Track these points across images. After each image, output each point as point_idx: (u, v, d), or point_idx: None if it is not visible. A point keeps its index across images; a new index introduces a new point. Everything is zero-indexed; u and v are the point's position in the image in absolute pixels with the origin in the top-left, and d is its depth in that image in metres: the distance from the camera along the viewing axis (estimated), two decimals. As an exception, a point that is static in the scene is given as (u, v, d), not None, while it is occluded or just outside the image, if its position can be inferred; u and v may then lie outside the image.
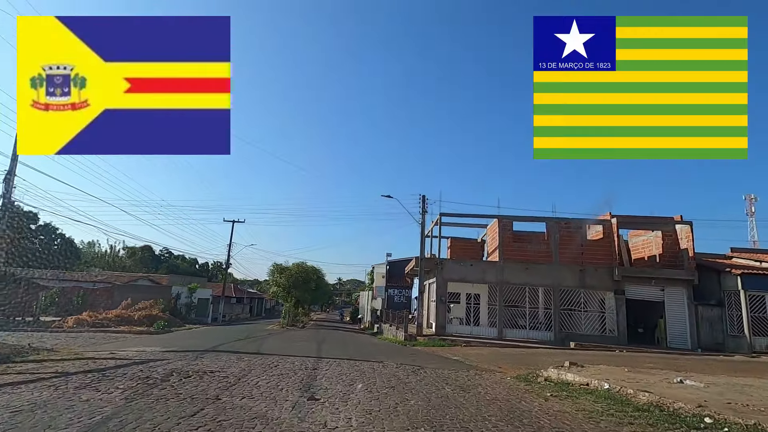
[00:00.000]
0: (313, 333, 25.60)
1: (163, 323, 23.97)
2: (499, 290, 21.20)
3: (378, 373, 9.15)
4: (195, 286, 37.69)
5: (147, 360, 10.02)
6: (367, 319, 41.98)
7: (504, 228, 22.08)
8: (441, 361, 12.97)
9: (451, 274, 21.86)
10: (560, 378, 9.17)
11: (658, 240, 22.69)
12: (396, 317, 24.34)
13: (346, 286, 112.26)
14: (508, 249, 22.08)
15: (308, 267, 35.08)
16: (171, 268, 62.26)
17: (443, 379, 8.88)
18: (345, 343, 18.36)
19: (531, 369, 11.13)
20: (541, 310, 21.18)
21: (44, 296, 28.42)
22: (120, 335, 18.92)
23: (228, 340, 17.25)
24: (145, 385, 6.77)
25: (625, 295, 20.63)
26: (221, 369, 8.77)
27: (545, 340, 20.44)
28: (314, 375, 8.52)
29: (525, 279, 21.27)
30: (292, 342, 17.43)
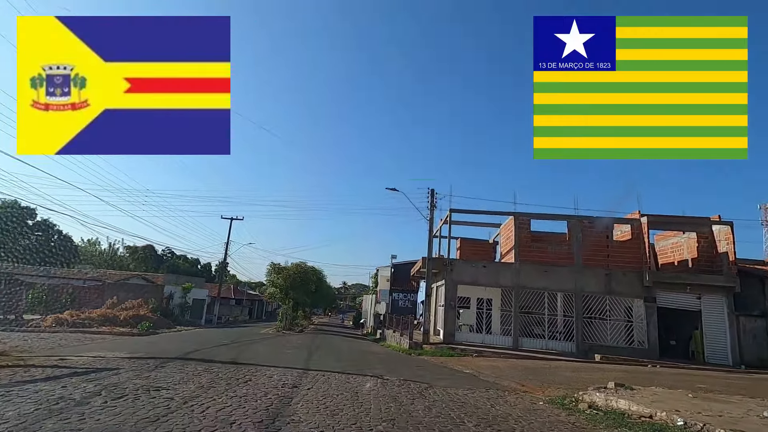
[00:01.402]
0: (310, 338, 23.60)
1: (148, 324, 22.04)
2: (515, 295, 18.96)
3: (375, 395, 7.14)
4: (189, 285, 35.34)
5: (94, 369, 8.15)
6: (369, 324, 39.95)
7: (521, 226, 19.93)
8: (452, 375, 10.93)
9: (461, 276, 19.70)
10: (609, 405, 7.11)
11: (691, 243, 20.46)
12: (400, 323, 22.25)
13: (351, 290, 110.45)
14: (525, 250, 19.81)
15: (308, 267, 33.06)
16: (172, 268, 60.62)
17: (459, 405, 6.85)
18: (341, 351, 16.39)
19: (563, 388, 9.10)
20: (559, 318, 19.03)
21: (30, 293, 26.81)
22: (98, 336, 17.11)
23: (210, 344, 15.30)
24: (46, 411, 4.84)
25: (656, 302, 18.43)
26: (172, 385, 6.82)
27: (566, 351, 18.21)
28: (290, 397, 6.52)
29: (543, 283, 19.06)
30: (282, 348, 15.49)
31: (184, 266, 65.44)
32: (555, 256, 20.01)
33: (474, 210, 21.41)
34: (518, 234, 19.73)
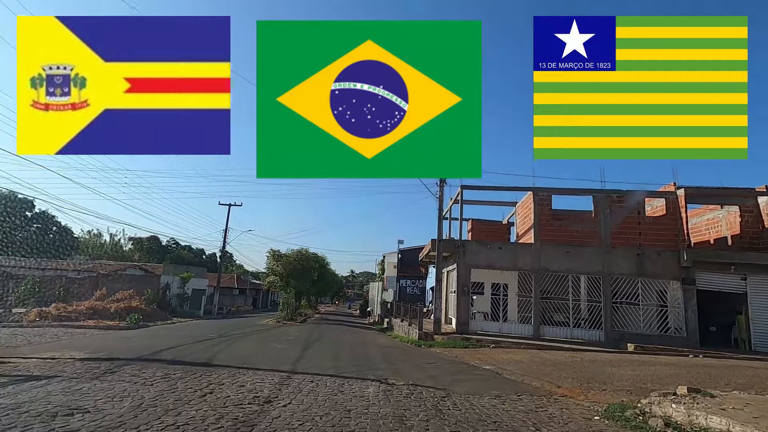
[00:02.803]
0: (310, 329, 21.68)
1: (136, 317, 20.46)
2: (535, 278, 16.99)
3: (373, 414, 5.28)
4: (188, 275, 33.78)
5: (26, 377, 6.53)
6: (376, 312, 38.25)
7: (540, 203, 17.81)
8: (470, 374, 9.07)
9: (475, 258, 17.55)
10: (695, 422, 5.20)
11: (731, 218, 18.30)
12: (408, 311, 20.41)
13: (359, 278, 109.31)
14: (546, 229, 17.70)
15: (309, 254, 31.22)
16: (176, 258, 59.38)
17: (491, 429, 4.97)
18: (341, 345, 14.38)
19: (610, 391, 7.23)
20: (583, 303, 17.03)
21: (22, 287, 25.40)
22: (79, 331, 15.63)
23: (193, 339, 13.58)
24: None
25: (695, 284, 16.38)
26: (99, 405, 5.02)
27: (593, 340, 16.22)
28: (253, 424, 4.68)
29: (567, 265, 16.98)
30: (272, 343, 13.59)
31: (189, 257, 64.19)
32: (579, 236, 17.95)
33: (487, 186, 19.32)
34: (538, 211, 17.62)
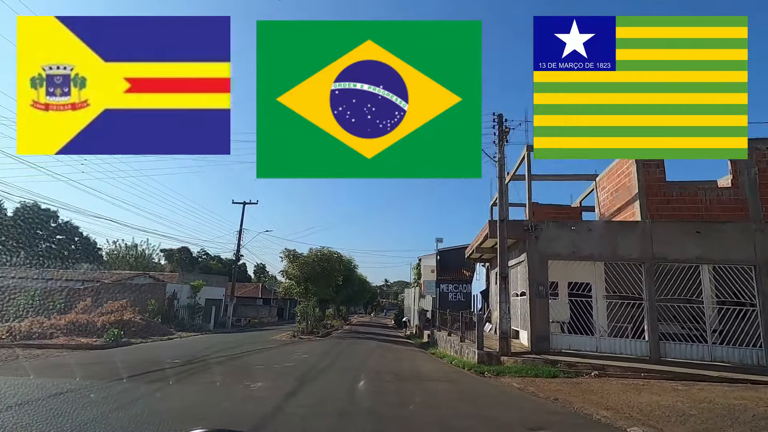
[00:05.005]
0: (328, 347, 17.57)
1: (116, 333, 17.01)
2: (646, 271, 12.00)
3: None
4: (199, 283, 30.50)
5: None
6: (414, 323, 33.05)
7: (647, 168, 12.77)
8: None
9: (553, 246, 12.62)
10: None
11: None
12: (456, 321, 15.89)
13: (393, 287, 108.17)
14: (656, 199, 12.55)
15: (331, 254, 26.23)
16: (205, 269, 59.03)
17: None
18: (360, 380, 9.50)
19: None
20: (706, 305, 11.55)
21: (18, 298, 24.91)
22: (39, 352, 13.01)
23: (150, 368, 10.34)
24: None
25: None
26: None
27: (748, 363, 10.97)
28: None
29: (693, 251, 11.79)
30: (244, 381, 8.76)
31: (218, 267, 64.09)
32: (710, 209, 12.53)
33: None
34: (643, 179, 12.75)
